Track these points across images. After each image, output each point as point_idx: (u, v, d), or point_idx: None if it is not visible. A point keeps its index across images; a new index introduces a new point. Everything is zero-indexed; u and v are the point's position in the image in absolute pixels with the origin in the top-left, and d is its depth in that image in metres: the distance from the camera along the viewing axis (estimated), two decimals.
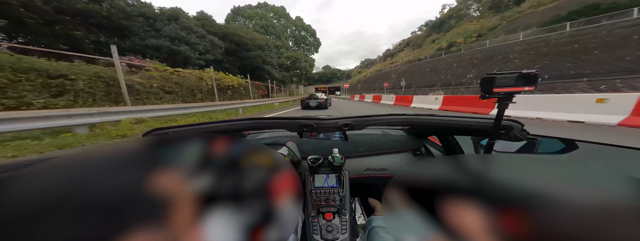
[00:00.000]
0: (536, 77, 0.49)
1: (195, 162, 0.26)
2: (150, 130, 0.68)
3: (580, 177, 0.26)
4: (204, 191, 0.24)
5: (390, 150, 1.13)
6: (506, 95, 0.51)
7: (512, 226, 0.21)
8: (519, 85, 0.49)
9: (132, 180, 0.22)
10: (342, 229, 0.85)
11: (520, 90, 0.50)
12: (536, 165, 0.28)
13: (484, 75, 0.53)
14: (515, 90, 0.50)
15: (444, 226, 0.24)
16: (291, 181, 0.32)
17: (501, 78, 0.50)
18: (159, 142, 0.29)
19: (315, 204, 0.91)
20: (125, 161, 0.25)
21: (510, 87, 0.50)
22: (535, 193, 0.23)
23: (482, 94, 0.54)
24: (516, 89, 0.50)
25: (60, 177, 0.22)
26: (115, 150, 0.26)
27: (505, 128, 0.59)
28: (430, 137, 1.21)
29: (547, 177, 0.26)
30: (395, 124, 0.69)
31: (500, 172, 0.30)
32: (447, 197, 0.26)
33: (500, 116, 0.56)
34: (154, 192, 0.21)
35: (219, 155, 0.28)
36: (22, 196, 0.19)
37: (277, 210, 0.28)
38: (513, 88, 0.50)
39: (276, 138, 1.19)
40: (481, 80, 0.52)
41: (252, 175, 0.29)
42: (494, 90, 0.51)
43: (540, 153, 0.63)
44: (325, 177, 0.97)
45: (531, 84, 0.49)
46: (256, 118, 0.68)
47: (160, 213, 0.21)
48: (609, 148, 0.56)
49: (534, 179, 0.25)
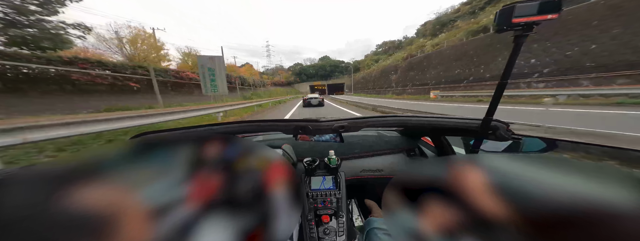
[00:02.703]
0: (559, 3, 0.44)
1: (186, 165, 0.25)
2: (140, 134, 0.66)
3: (560, 174, 0.28)
4: (189, 197, 0.23)
5: (385, 151, 1.15)
6: (526, 26, 0.46)
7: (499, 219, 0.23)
8: (542, 13, 0.44)
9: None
10: (340, 231, 0.85)
11: (543, 19, 0.45)
12: (520, 164, 0.30)
13: (501, 7, 0.47)
14: (538, 19, 0.44)
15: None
16: (286, 173, 0.31)
17: (522, 7, 0.45)
18: (146, 145, 0.27)
19: (312, 206, 0.91)
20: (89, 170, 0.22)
21: (532, 16, 0.44)
22: (522, 189, 0.24)
23: (497, 27, 0.48)
24: (539, 18, 0.44)
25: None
26: (92, 157, 0.24)
27: (491, 128, 0.62)
28: (424, 138, 1.24)
29: (532, 174, 0.28)
30: (389, 125, 0.71)
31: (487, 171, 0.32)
32: (439, 196, 0.27)
33: (497, 98, 0.53)
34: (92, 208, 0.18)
35: (211, 157, 0.27)
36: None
37: (274, 210, 0.27)
38: (536, 18, 0.44)
39: (271, 140, 1.19)
40: (498, 12, 0.47)
41: (247, 176, 0.28)
42: (513, 21, 0.45)
43: (525, 152, 0.66)
44: (321, 179, 0.97)
45: (555, 11, 0.44)
46: (251, 121, 0.68)
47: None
48: (585, 146, 0.60)
49: (520, 177, 0.27)
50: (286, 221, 0.28)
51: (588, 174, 0.25)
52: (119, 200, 0.20)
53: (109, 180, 0.21)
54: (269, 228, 0.26)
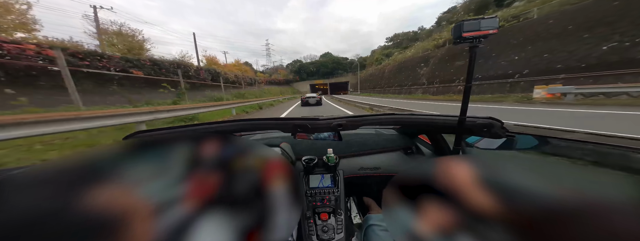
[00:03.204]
0: (496, 20, 0.55)
1: (182, 164, 0.25)
2: (133, 133, 0.66)
3: (549, 171, 0.28)
4: (189, 196, 0.23)
5: (383, 149, 1.16)
6: (476, 39, 0.56)
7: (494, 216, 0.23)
8: (485, 29, 0.55)
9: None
10: (338, 229, 0.86)
11: (486, 34, 0.55)
12: (510, 160, 0.30)
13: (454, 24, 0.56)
14: (482, 33, 0.55)
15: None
16: (285, 172, 0.31)
17: (468, 24, 0.55)
18: (141, 145, 0.27)
19: (311, 205, 0.92)
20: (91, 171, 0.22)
21: (477, 31, 0.55)
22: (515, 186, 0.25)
23: (454, 40, 0.59)
24: (482, 33, 0.55)
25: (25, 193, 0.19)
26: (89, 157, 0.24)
27: (486, 126, 0.63)
28: (421, 136, 1.25)
29: (521, 171, 0.29)
30: (386, 123, 0.72)
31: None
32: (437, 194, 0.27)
33: (466, 99, 0.62)
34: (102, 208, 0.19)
35: (207, 155, 0.27)
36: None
37: (273, 209, 0.28)
38: (480, 32, 0.55)
39: (269, 139, 1.20)
40: (453, 28, 0.58)
41: (245, 175, 0.28)
42: (463, 35, 0.56)
43: (518, 149, 0.68)
44: (320, 177, 0.98)
45: (494, 27, 0.55)
46: (249, 119, 0.69)
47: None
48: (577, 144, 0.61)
49: (509, 173, 0.28)
50: (286, 219, 0.28)
51: (577, 171, 0.26)
52: (124, 201, 0.20)
53: (110, 180, 0.21)
54: (268, 226, 0.26)
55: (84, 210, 0.18)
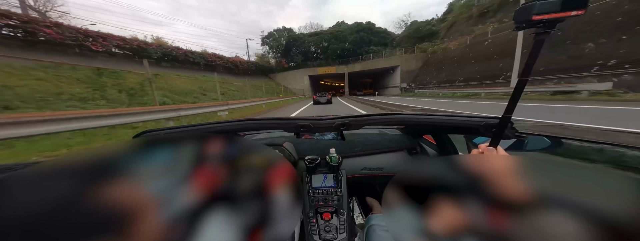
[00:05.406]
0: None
1: (188, 163, 0.26)
2: (142, 132, 0.67)
3: (569, 176, 0.27)
4: (196, 194, 0.23)
5: (386, 150, 1.15)
6: (548, 23, 0.42)
7: (501, 224, 0.22)
8: (566, 10, 0.39)
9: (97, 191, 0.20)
10: (340, 229, 0.85)
11: (567, 16, 0.40)
12: (526, 164, 0.29)
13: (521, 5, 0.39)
14: (561, 15, 0.40)
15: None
16: (288, 174, 0.32)
17: (543, 4, 0.40)
18: (151, 143, 0.28)
19: (313, 204, 0.91)
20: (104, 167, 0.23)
21: (555, 13, 0.40)
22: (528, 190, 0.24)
23: (516, 25, 0.45)
24: (562, 14, 0.40)
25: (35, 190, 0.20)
26: (99, 154, 0.24)
27: (494, 126, 0.61)
28: (425, 136, 1.23)
29: (537, 174, 0.28)
30: (390, 123, 0.71)
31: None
32: (441, 196, 0.27)
33: (516, 96, 0.45)
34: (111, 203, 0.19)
35: (212, 154, 0.28)
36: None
37: (275, 208, 0.28)
38: (559, 14, 0.40)
39: (272, 138, 1.19)
40: (517, 10, 0.43)
41: (247, 174, 0.29)
42: (533, 19, 0.41)
43: (529, 150, 0.65)
44: (322, 177, 0.97)
45: (580, 7, 0.40)
46: (252, 119, 0.69)
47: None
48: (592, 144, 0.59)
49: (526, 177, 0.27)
50: (287, 219, 0.28)
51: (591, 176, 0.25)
52: (135, 197, 0.21)
53: (123, 177, 0.22)
54: (270, 225, 0.26)
55: (98, 203, 0.19)
